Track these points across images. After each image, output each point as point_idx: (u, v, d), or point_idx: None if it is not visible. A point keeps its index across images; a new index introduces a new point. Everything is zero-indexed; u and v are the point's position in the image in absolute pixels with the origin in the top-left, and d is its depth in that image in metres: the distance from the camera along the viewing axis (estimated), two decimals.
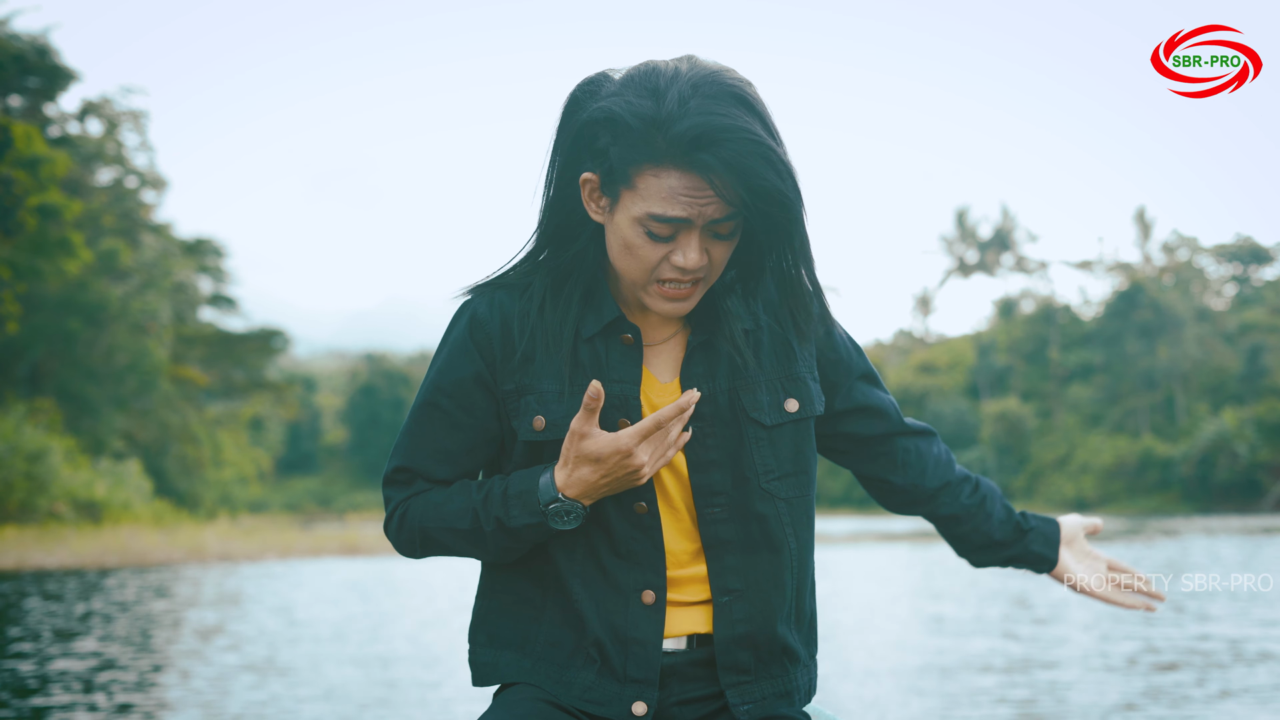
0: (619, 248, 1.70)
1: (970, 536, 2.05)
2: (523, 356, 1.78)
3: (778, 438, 1.81)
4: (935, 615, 11.15)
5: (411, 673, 7.70)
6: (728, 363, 1.80)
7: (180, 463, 40.81)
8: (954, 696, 6.74)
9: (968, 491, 2.03)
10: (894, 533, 33.87)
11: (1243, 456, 53.96)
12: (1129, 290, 68.76)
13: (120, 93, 40.95)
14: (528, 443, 1.78)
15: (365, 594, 14.38)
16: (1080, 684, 7.10)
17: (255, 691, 6.96)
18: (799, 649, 1.85)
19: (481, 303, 1.82)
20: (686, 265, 1.66)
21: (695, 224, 1.65)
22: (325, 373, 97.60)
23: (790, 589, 1.83)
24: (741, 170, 1.59)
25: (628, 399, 1.76)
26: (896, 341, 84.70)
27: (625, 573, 1.76)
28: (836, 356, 1.90)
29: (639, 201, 1.65)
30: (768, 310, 1.84)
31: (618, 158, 1.65)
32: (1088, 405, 68.76)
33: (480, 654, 1.85)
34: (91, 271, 33.60)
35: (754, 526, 1.79)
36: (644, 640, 1.75)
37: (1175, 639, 9.00)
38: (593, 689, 1.76)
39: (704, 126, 1.59)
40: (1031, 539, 2.06)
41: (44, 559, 19.39)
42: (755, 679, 1.79)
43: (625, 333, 1.78)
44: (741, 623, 1.78)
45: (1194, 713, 6.14)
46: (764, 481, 1.80)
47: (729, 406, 1.79)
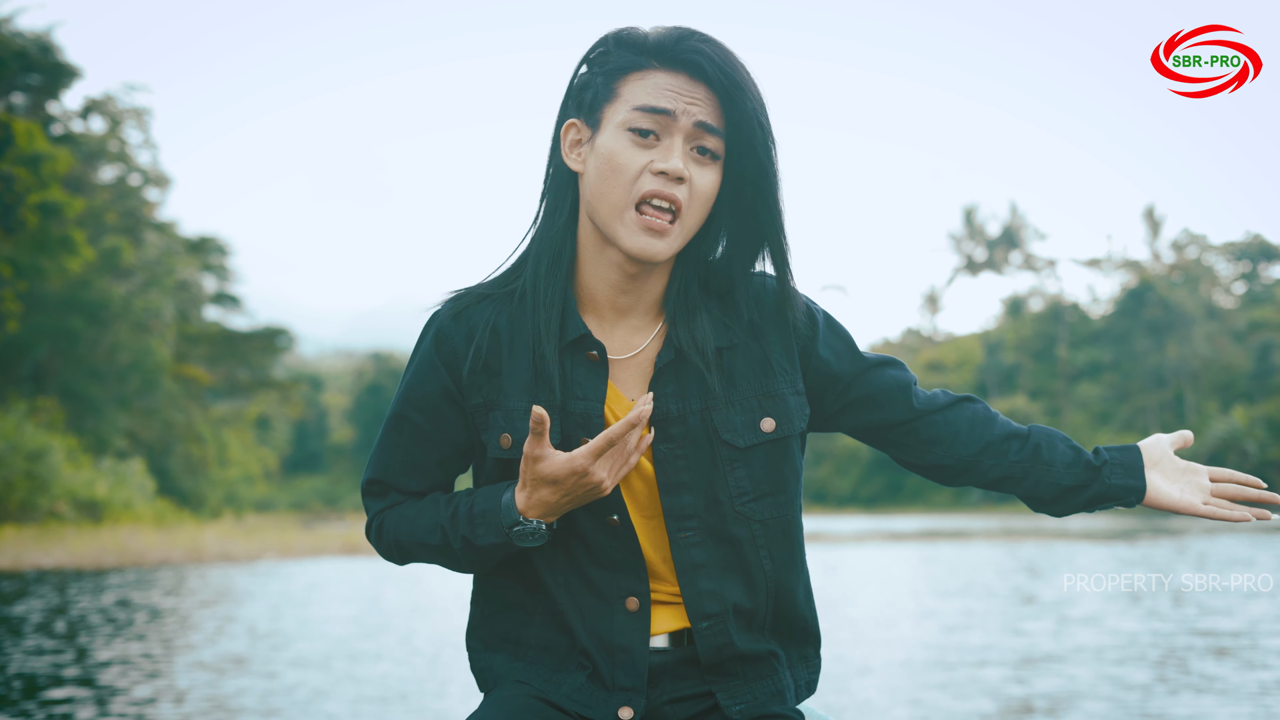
0: (599, 174, 1.69)
1: (1036, 491, 1.87)
2: (488, 370, 1.77)
3: (752, 459, 1.77)
4: (938, 613, 11.06)
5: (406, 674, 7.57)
6: (698, 382, 1.76)
7: (185, 462, 40.76)
8: (957, 694, 6.68)
9: (1015, 448, 1.87)
10: (901, 532, 33.82)
11: (1253, 455, 53.81)
12: (1138, 288, 68.62)
13: (124, 90, 40.70)
14: (497, 459, 1.78)
15: (365, 594, 14.27)
16: (1080, 682, 7.06)
17: (213, 689, 6.84)
18: (785, 652, 1.83)
19: (447, 315, 1.81)
20: (668, 169, 1.66)
21: (679, 121, 1.67)
22: (332, 372, 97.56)
23: (768, 606, 1.80)
24: (726, 66, 1.67)
25: (590, 416, 1.74)
26: (904, 340, 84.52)
27: (608, 581, 1.76)
28: (823, 361, 1.84)
29: (623, 106, 1.69)
30: (747, 327, 1.80)
31: (602, 82, 1.71)
32: (1096, 404, 68.62)
33: (478, 659, 1.85)
34: (94, 270, 33.54)
35: (727, 549, 1.76)
36: (630, 647, 1.75)
37: (1176, 633, 8.92)
38: (582, 690, 1.76)
39: (690, 32, 1.69)
40: (1109, 473, 1.86)
41: (41, 558, 19.32)
42: (745, 681, 1.78)
43: (591, 349, 1.75)
44: (726, 646, 1.76)
45: (1199, 710, 6.06)
46: (738, 505, 1.76)
47: (700, 427, 1.76)
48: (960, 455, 1.87)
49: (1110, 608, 11.29)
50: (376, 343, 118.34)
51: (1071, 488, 1.86)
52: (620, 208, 1.69)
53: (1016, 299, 78.81)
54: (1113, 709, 6.25)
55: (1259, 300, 70.13)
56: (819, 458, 68.17)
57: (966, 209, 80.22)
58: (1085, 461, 1.86)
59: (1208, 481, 1.87)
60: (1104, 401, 68.49)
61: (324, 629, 10.39)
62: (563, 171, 1.79)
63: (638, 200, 1.68)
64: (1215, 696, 6.59)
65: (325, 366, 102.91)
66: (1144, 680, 7.15)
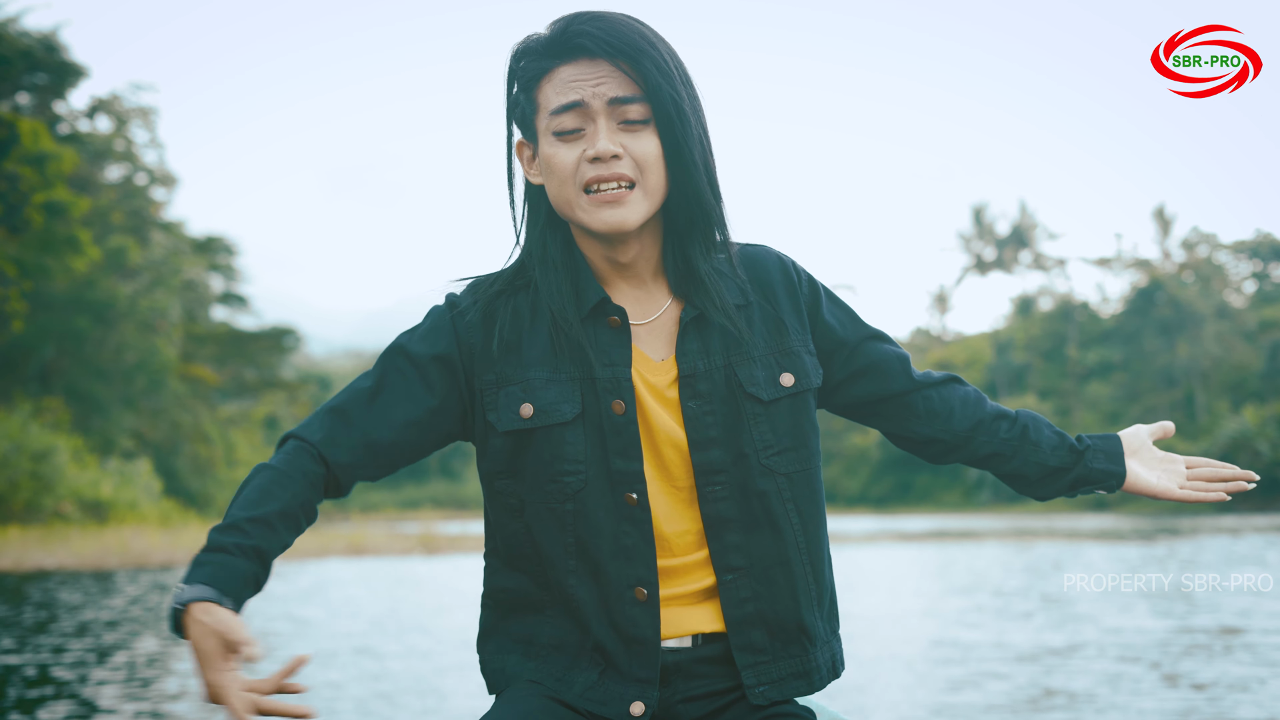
0: (549, 183, 1.75)
1: (1023, 470, 1.93)
2: (504, 346, 1.78)
3: (775, 413, 1.80)
4: (942, 612, 11.06)
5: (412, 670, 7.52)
6: (721, 338, 1.80)
7: (192, 462, 40.80)
8: (959, 691, 6.70)
9: (1005, 427, 1.93)
10: (911, 532, 33.84)
11: (1264, 454, 53.60)
12: (1148, 287, 68.44)
13: (130, 89, 40.76)
14: (509, 434, 1.76)
15: (360, 595, 14.15)
16: (1082, 677, 7.12)
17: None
18: (816, 626, 1.82)
19: (465, 294, 1.83)
20: (598, 152, 1.70)
21: (592, 106, 1.71)
22: (341, 372, 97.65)
23: (800, 564, 1.80)
24: (613, 37, 1.69)
25: (620, 381, 1.76)
26: (914, 339, 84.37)
27: (618, 569, 1.75)
28: (828, 327, 1.88)
29: (544, 115, 1.74)
30: (756, 288, 1.84)
31: (525, 98, 1.77)
32: (1107, 403, 68.42)
33: (491, 660, 1.84)
34: (100, 269, 33.59)
35: (754, 504, 1.78)
36: (644, 638, 1.74)
37: (1180, 630, 9.01)
38: (594, 688, 1.76)
39: (574, 16, 1.73)
40: (1091, 457, 1.93)
41: (43, 559, 19.31)
42: (772, 659, 1.78)
43: (611, 315, 1.78)
44: (749, 601, 1.77)
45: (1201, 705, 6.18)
46: (763, 458, 1.79)
47: (725, 383, 1.79)
48: (955, 430, 1.92)
49: (1132, 606, 11.28)
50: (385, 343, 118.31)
51: (1056, 469, 1.92)
52: (574, 202, 1.74)
53: (1026, 298, 78.63)
54: (1120, 707, 6.27)
55: (1270, 299, 69.89)
56: (828, 458, 68.12)
57: (976, 208, 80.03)
58: (1069, 445, 1.93)
59: (1184, 469, 1.95)
60: (1114, 401, 68.30)
61: (324, 629, 10.32)
62: (531, 187, 1.84)
63: (583, 188, 1.73)
64: (1219, 692, 6.59)
65: (334, 367, 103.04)
66: (1151, 677, 7.16)
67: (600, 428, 1.76)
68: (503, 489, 1.80)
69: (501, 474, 1.79)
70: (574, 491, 1.75)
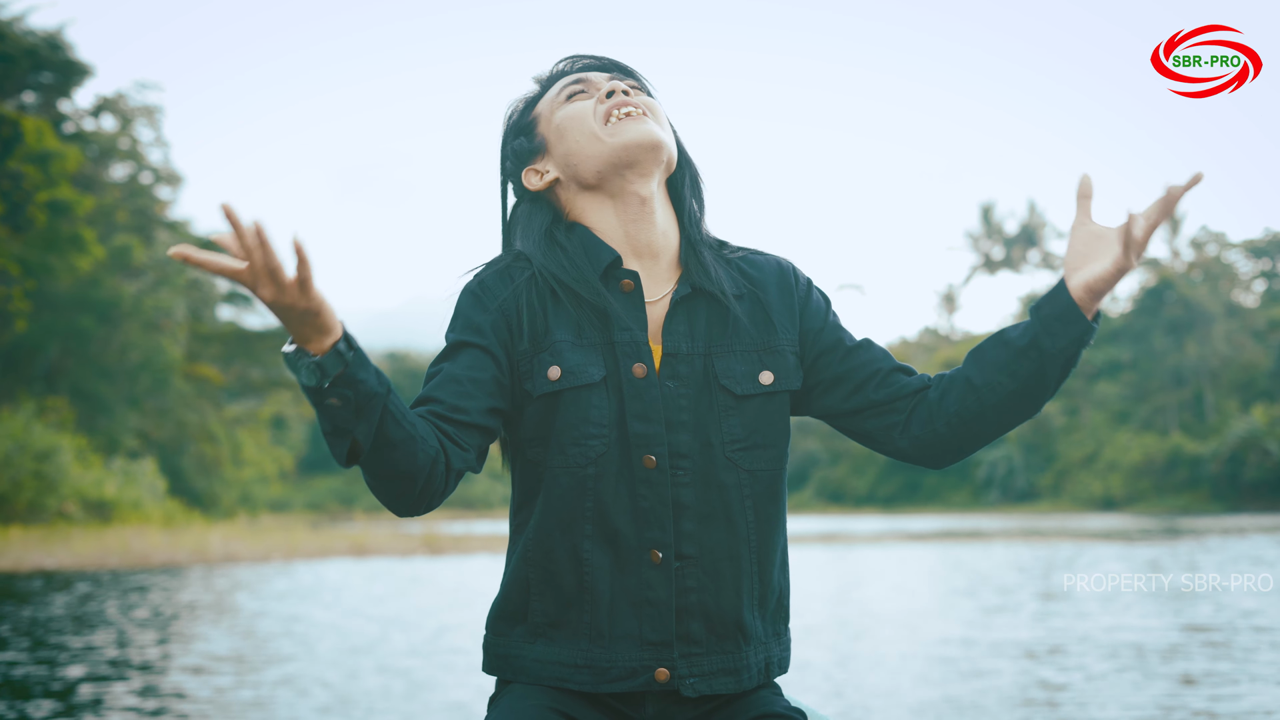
0: (568, 135, 1.85)
1: (996, 374, 1.77)
2: (534, 313, 1.81)
3: (747, 409, 1.81)
4: (946, 611, 11.04)
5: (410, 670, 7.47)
6: (707, 325, 1.83)
7: (198, 462, 40.81)
8: (959, 691, 6.73)
9: (947, 373, 1.85)
10: (919, 532, 33.85)
11: (1273, 454, 53.54)
12: (1157, 286, 68.32)
13: (135, 88, 40.74)
14: (543, 397, 1.78)
15: (362, 595, 14.16)
16: (1083, 676, 7.13)
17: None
18: (755, 626, 1.82)
19: (490, 272, 1.86)
20: (610, 87, 1.85)
21: (594, 80, 1.89)
22: None
23: (748, 562, 1.80)
24: (596, 55, 1.91)
25: (639, 345, 1.80)
26: (922, 339, 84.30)
27: (635, 532, 1.76)
28: (814, 327, 1.89)
29: (547, 105, 1.91)
30: (751, 283, 1.87)
31: (526, 125, 1.93)
32: (1115, 403, 68.31)
33: (495, 644, 1.84)
34: (104, 268, 33.60)
35: (714, 495, 1.79)
36: (657, 600, 1.75)
37: (1182, 628, 9.08)
38: (612, 666, 1.75)
39: (574, 55, 1.93)
40: (1039, 303, 1.76)
41: (44, 559, 19.28)
42: (705, 652, 1.78)
43: (625, 278, 1.83)
44: (693, 591, 1.77)
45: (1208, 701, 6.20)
46: (729, 450, 1.80)
47: (702, 371, 1.81)
48: (941, 416, 1.83)
49: (1142, 605, 11.23)
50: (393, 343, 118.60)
51: (1016, 336, 1.76)
52: (595, 136, 1.83)
53: (1034, 297, 78.57)
54: (1128, 705, 6.27)
55: (1279, 298, 69.75)
56: (835, 457, 68.08)
57: (984, 207, 79.97)
58: (1016, 325, 1.78)
59: (1126, 225, 1.77)
60: (1123, 400, 68.19)
61: (325, 629, 10.29)
62: (529, 196, 1.94)
63: (603, 121, 1.84)
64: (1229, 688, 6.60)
65: None
66: (1152, 677, 7.14)
67: (620, 391, 1.78)
68: (535, 457, 1.80)
69: (533, 440, 1.80)
70: (597, 455, 1.77)
